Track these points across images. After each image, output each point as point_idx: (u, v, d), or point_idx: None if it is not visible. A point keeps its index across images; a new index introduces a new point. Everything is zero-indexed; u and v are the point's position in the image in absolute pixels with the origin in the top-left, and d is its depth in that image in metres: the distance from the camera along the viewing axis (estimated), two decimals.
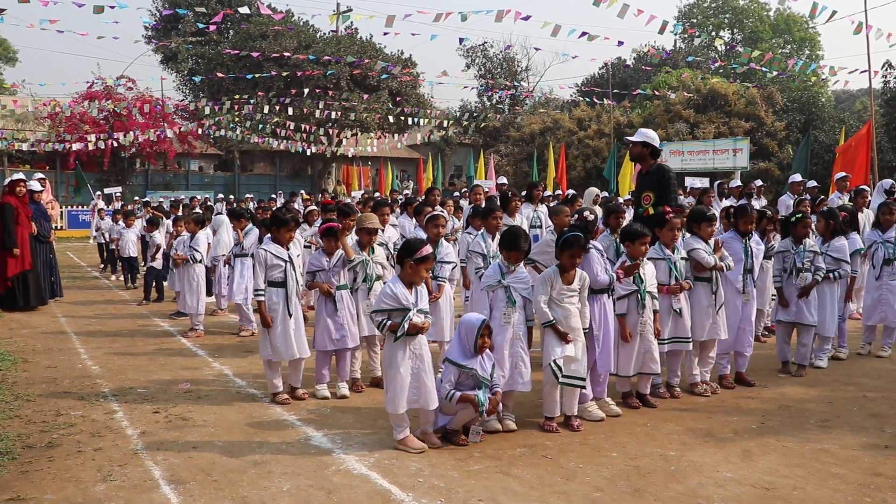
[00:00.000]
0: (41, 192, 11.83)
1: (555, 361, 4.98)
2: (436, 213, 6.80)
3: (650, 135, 6.93)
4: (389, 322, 4.65)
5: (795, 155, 17.00)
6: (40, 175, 12.74)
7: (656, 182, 6.70)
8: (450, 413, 4.75)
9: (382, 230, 7.02)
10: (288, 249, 5.91)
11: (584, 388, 5.15)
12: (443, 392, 4.72)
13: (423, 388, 4.68)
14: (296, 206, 17.18)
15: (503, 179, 16.58)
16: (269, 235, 6.04)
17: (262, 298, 5.78)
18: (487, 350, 4.83)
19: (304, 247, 9.56)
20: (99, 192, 27.48)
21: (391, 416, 4.70)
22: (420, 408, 4.70)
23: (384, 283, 6.37)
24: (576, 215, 6.32)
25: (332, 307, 5.95)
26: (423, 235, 6.63)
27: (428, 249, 4.77)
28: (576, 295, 5.09)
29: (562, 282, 5.06)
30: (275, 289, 5.80)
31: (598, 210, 7.87)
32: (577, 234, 5.06)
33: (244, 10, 18.04)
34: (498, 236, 6.34)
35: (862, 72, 16.14)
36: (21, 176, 11.26)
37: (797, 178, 12.70)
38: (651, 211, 6.69)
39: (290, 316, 5.80)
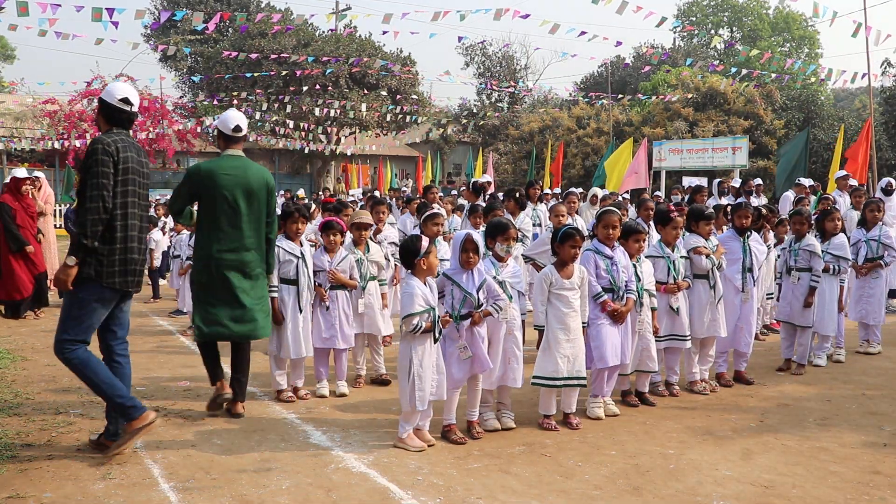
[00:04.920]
0: (26, 179, 11.05)
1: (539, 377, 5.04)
2: (434, 211, 6.80)
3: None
4: (424, 324, 4.58)
5: (788, 149, 16.73)
6: (38, 173, 12.24)
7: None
8: None
9: (375, 226, 6.99)
10: (301, 245, 5.89)
11: (584, 386, 5.15)
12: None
13: (441, 380, 4.72)
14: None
15: (487, 177, 15.92)
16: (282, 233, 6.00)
17: (274, 295, 5.72)
18: (478, 266, 4.84)
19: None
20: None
21: (405, 412, 4.66)
22: (435, 400, 4.72)
23: (379, 283, 6.40)
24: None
25: (326, 306, 5.95)
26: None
27: (426, 240, 4.81)
28: (576, 290, 5.08)
29: (560, 277, 5.06)
30: (285, 286, 5.74)
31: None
32: (574, 227, 5.18)
33: (241, 15, 17.96)
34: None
35: (863, 76, 16.12)
36: (23, 173, 10.35)
37: (803, 181, 12.60)
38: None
39: (301, 312, 5.79)
